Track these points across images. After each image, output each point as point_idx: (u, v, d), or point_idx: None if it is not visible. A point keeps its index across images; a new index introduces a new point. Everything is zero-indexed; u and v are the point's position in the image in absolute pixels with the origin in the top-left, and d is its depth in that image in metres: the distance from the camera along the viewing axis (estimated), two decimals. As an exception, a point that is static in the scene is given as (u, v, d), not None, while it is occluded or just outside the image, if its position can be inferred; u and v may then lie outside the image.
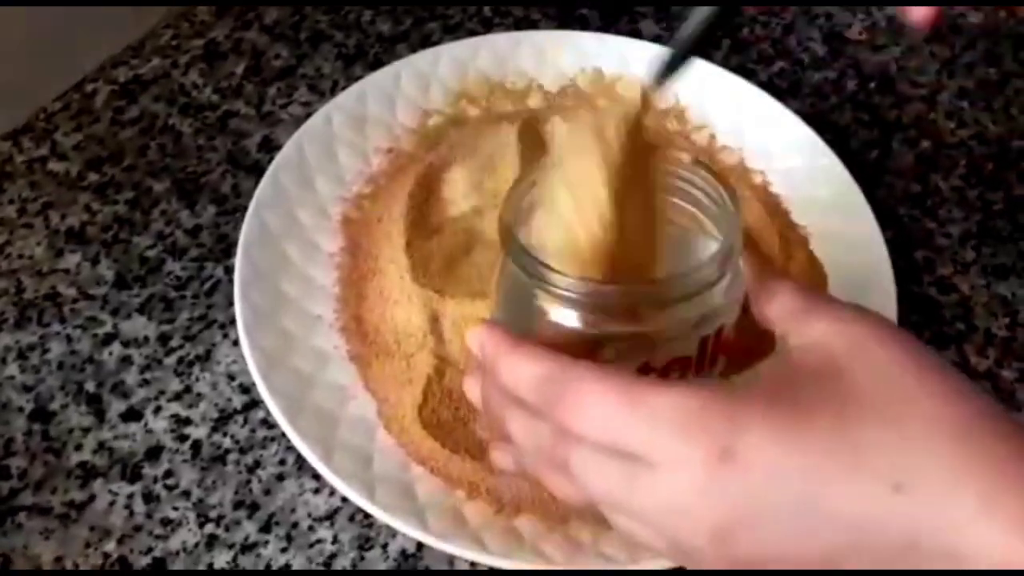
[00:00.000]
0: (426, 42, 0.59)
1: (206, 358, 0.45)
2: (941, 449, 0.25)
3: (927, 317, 0.48)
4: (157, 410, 0.43)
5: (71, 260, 0.49)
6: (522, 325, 0.32)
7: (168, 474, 0.41)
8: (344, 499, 0.40)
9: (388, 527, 0.39)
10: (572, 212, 0.31)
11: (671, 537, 0.27)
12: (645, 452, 0.26)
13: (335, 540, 0.40)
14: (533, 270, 0.31)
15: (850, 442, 0.26)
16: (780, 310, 0.30)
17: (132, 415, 0.43)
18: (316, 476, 0.41)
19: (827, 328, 0.29)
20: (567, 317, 0.32)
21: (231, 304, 0.43)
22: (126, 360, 0.45)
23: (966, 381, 0.27)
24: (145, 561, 0.39)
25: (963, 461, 0.25)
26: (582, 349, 0.30)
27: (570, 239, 0.31)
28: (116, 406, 0.43)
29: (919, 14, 0.35)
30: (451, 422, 0.41)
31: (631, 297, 0.31)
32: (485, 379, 0.32)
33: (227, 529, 0.40)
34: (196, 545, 0.39)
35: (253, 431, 0.43)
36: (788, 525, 0.26)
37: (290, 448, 0.41)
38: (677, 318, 0.32)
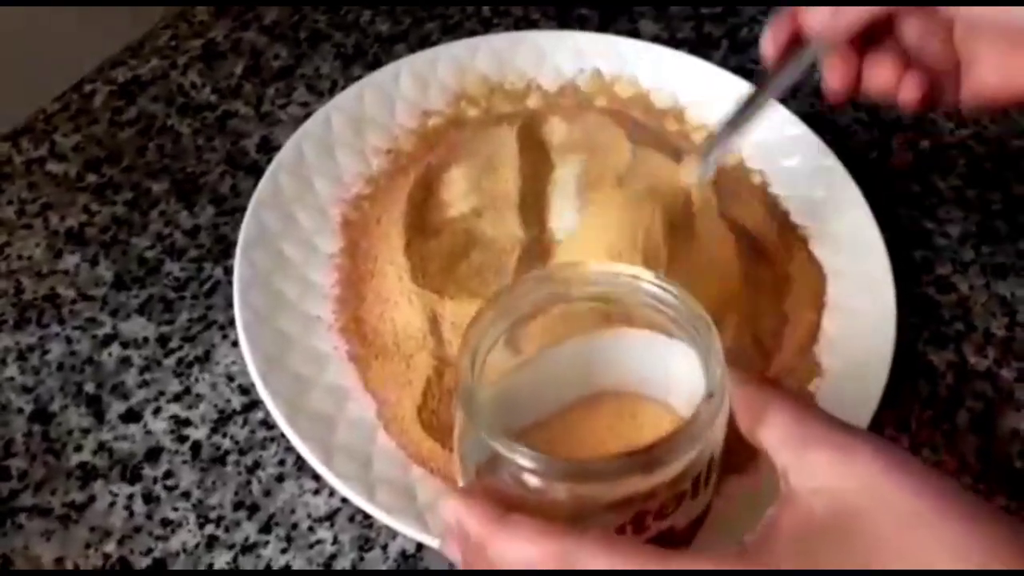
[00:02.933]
0: (425, 42, 0.59)
1: (205, 359, 0.45)
2: None
3: (926, 317, 0.48)
4: (157, 411, 0.43)
5: (70, 261, 0.49)
6: (493, 475, 0.30)
7: (168, 475, 0.41)
8: (344, 500, 0.40)
9: (388, 528, 0.39)
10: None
11: None
12: None
13: (335, 541, 0.40)
14: (500, 444, 0.29)
15: None
16: (775, 439, 0.29)
17: (132, 416, 0.43)
18: (316, 477, 0.41)
19: (827, 461, 0.27)
20: (550, 488, 0.29)
21: (230, 305, 0.43)
22: (125, 361, 0.45)
23: (981, 504, 0.26)
24: (145, 562, 0.39)
25: None
26: (570, 512, 0.28)
27: None
28: (116, 407, 0.43)
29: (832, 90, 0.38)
30: (451, 423, 0.41)
31: (619, 468, 0.29)
32: (471, 553, 0.29)
33: (227, 530, 0.40)
34: (196, 546, 0.39)
35: (253, 432, 0.43)
36: None
37: (290, 449, 0.41)
38: (666, 474, 0.29)
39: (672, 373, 0.33)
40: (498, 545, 0.28)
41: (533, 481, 0.28)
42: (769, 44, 0.39)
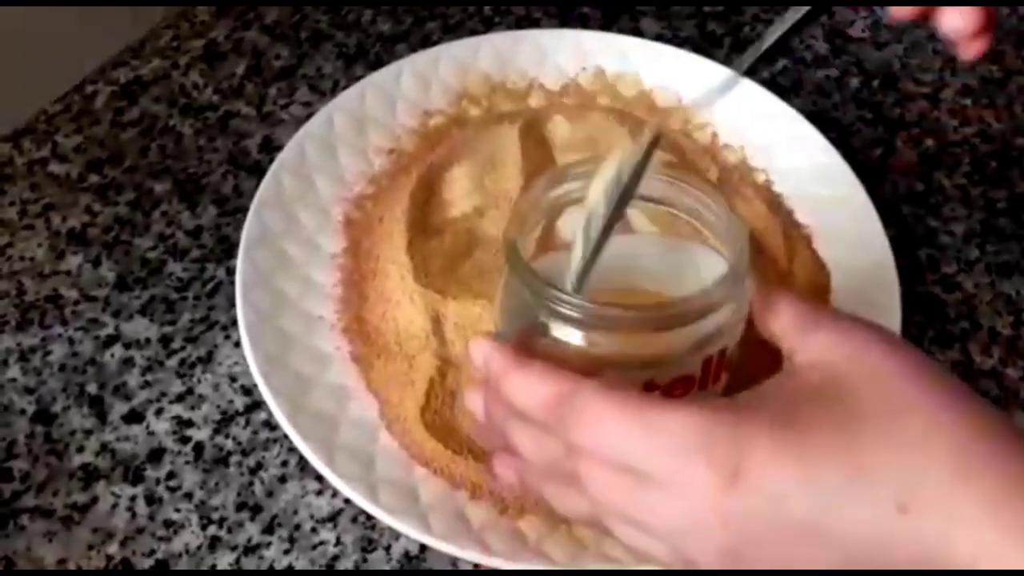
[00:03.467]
0: (426, 42, 0.59)
1: (208, 360, 0.45)
2: (942, 460, 0.25)
3: (931, 316, 0.48)
4: (159, 412, 0.43)
5: (72, 262, 0.48)
6: (526, 340, 0.32)
7: (170, 476, 0.41)
8: (347, 501, 0.40)
9: (391, 529, 0.39)
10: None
11: (678, 553, 0.27)
12: (654, 471, 0.27)
13: (338, 542, 0.40)
14: (538, 290, 0.31)
15: (854, 462, 0.26)
16: (784, 326, 0.31)
17: (134, 417, 0.43)
18: (319, 478, 0.41)
19: (828, 341, 0.29)
20: (571, 336, 0.32)
21: (233, 305, 0.43)
22: (128, 362, 0.45)
23: (966, 389, 0.27)
24: (148, 563, 0.39)
25: (964, 471, 0.25)
26: (585, 367, 0.30)
27: None
28: (118, 408, 0.43)
29: (971, 51, 0.36)
30: (454, 423, 0.41)
31: (635, 319, 0.31)
32: (490, 394, 0.31)
33: (230, 531, 0.40)
34: (199, 547, 0.39)
35: (255, 433, 0.43)
36: (794, 546, 0.26)
37: (292, 450, 0.41)
38: (681, 339, 0.32)
39: (704, 278, 0.35)
40: (512, 382, 0.30)
41: (554, 330, 0.31)
42: None
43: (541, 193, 0.35)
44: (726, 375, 0.34)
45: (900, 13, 0.39)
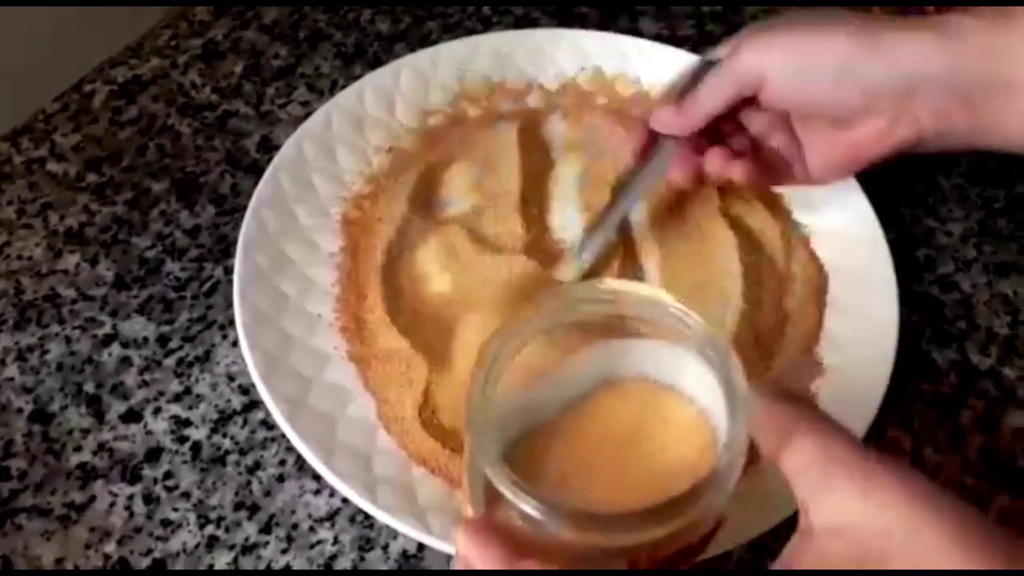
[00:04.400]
0: (425, 41, 0.59)
1: (206, 359, 0.45)
2: None
3: (929, 315, 0.48)
4: (157, 411, 0.43)
5: (70, 261, 0.48)
6: (499, 506, 0.29)
7: (168, 475, 0.41)
8: (345, 500, 0.40)
9: (389, 528, 0.39)
10: None
11: None
12: None
13: (336, 541, 0.40)
14: (516, 494, 0.28)
15: None
16: (796, 465, 0.28)
17: (132, 416, 0.43)
18: (316, 477, 0.41)
19: (850, 508, 0.27)
20: (557, 532, 0.28)
21: (230, 305, 0.43)
22: (125, 361, 0.45)
23: (1011, 541, 0.26)
24: (145, 562, 0.39)
25: None
26: (579, 550, 0.28)
27: None
28: (116, 407, 0.43)
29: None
30: (452, 423, 0.41)
31: (632, 523, 0.28)
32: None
33: (227, 530, 0.40)
34: (196, 546, 0.39)
35: (253, 432, 0.43)
36: None
37: (290, 449, 0.41)
38: (679, 523, 0.29)
39: (691, 379, 0.32)
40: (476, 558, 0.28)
41: (540, 525, 0.28)
42: (633, 140, 0.45)
43: (504, 342, 0.31)
44: (724, 524, 0.31)
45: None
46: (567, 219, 0.48)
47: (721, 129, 0.44)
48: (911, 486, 0.26)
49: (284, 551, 0.39)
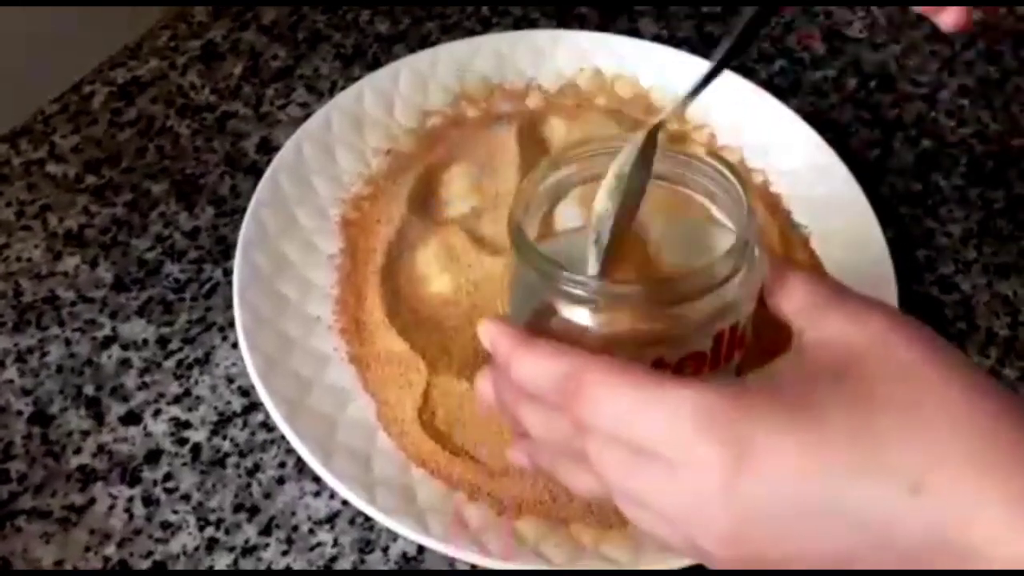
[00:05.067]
0: (424, 42, 0.59)
1: (205, 361, 0.45)
2: (963, 448, 0.25)
3: (928, 316, 0.48)
4: (156, 413, 0.43)
5: (69, 263, 0.48)
6: (536, 323, 0.32)
7: (168, 477, 0.41)
8: (344, 502, 0.40)
9: (389, 530, 0.39)
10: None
11: (685, 534, 0.27)
12: (663, 450, 0.26)
13: (336, 543, 0.40)
14: (544, 270, 0.31)
15: (868, 441, 0.25)
16: (796, 304, 0.30)
17: (131, 418, 0.43)
18: (316, 479, 0.41)
19: (844, 322, 0.28)
20: (579, 315, 0.31)
21: (230, 306, 0.43)
22: (125, 363, 0.45)
23: (988, 377, 0.27)
24: (145, 564, 0.39)
25: (986, 461, 0.24)
26: (595, 346, 0.30)
27: None
28: (115, 409, 0.43)
29: (950, 18, 0.35)
30: (451, 426, 0.41)
31: (643, 294, 0.31)
32: (499, 376, 0.31)
33: (227, 532, 0.40)
34: (196, 548, 0.39)
35: (253, 434, 0.43)
36: (805, 526, 0.26)
37: (290, 451, 0.41)
38: (691, 315, 0.31)
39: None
40: (520, 362, 0.29)
41: (562, 310, 0.31)
42: None
43: (543, 176, 0.35)
44: (739, 352, 0.33)
45: None
46: (567, 219, 0.48)
47: None
48: (899, 318, 0.28)
49: (284, 553, 0.39)
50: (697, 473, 0.26)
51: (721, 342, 0.32)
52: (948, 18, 0.37)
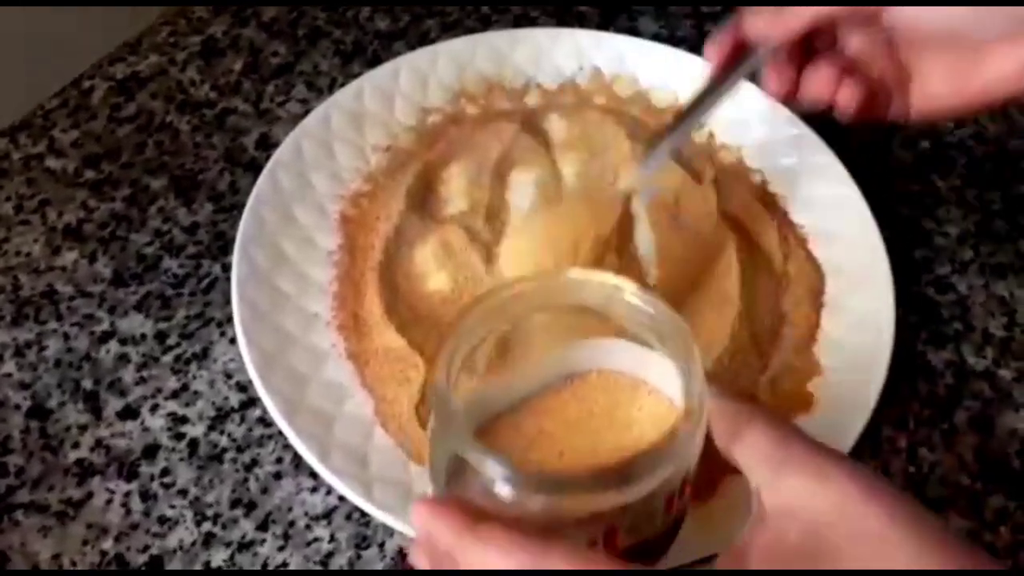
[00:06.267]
0: (424, 40, 0.59)
1: (203, 356, 0.45)
2: None
3: (925, 316, 0.48)
4: (154, 408, 0.43)
5: (68, 257, 0.48)
6: (462, 481, 0.29)
7: (165, 472, 0.41)
8: (341, 497, 0.40)
9: (385, 525, 0.39)
10: None
11: None
12: None
13: (332, 539, 0.40)
14: (474, 456, 0.28)
15: None
16: (752, 458, 0.28)
17: (129, 413, 0.43)
18: (313, 474, 0.41)
19: (805, 486, 0.27)
20: (521, 500, 0.28)
21: (228, 302, 0.43)
22: (123, 358, 0.45)
23: (949, 533, 0.27)
24: (142, 559, 0.39)
25: None
26: (539, 524, 0.28)
27: None
28: (113, 404, 0.43)
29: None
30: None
31: (591, 484, 0.28)
32: (439, 559, 0.29)
33: (224, 527, 0.40)
34: (193, 543, 0.39)
35: (250, 429, 0.43)
36: None
37: (287, 446, 0.41)
38: (640, 491, 0.28)
39: (653, 378, 0.33)
40: (467, 555, 0.27)
41: (503, 492, 0.28)
42: (712, 51, 0.40)
43: (472, 326, 0.31)
44: (689, 489, 0.31)
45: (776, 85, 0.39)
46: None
47: (814, 46, 0.38)
48: (861, 480, 0.27)
49: (280, 548, 0.39)
50: None
51: (672, 498, 0.30)
52: (844, 98, 0.38)
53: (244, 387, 0.44)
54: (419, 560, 0.30)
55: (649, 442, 0.30)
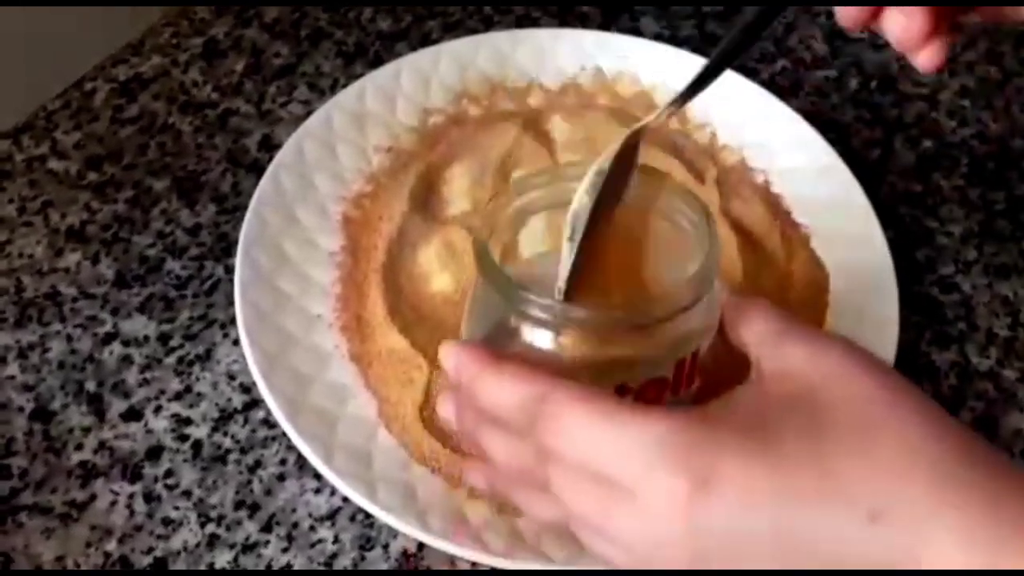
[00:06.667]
0: (426, 40, 0.59)
1: (206, 357, 0.45)
2: (917, 480, 0.25)
3: (929, 317, 0.48)
4: (157, 410, 0.43)
5: (71, 259, 0.48)
6: (497, 346, 0.32)
7: (169, 474, 0.41)
8: (345, 499, 0.40)
9: (389, 527, 0.39)
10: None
11: (646, 563, 0.27)
12: (623, 479, 0.27)
13: (336, 540, 0.40)
14: (508, 292, 0.31)
15: (825, 470, 0.26)
16: (754, 334, 0.30)
17: (132, 415, 0.43)
18: (317, 476, 0.41)
19: (801, 354, 0.29)
20: (541, 339, 0.31)
21: (231, 303, 0.43)
22: (126, 359, 0.45)
23: (943, 412, 0.27)
24: (146, 561, 0.39)
25: (939, 493, 0.25)
26: (557, 370, 0.30)
27: None
28: (117, 406, 0.43)
29: (926, 59, 0.34)
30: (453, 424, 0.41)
31: (606, 321, 0.31)
32: (461, 398, 0.31)
33: (228, 529, 0.40)
34: (197, 545, 0.39)
35: (254, 431, 0.43)
36: (764, 554, 0.26)
37: (291, 448, 0.41)
38: (653, 341, 0.32)
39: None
40: (485, 385, 0.29)
41: (525, 333, 0.31)
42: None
43: (509, 200, 0.35)
44: (699, 379, 0.34)
45: (847, 15, 0.35)
46: (528, 230, 0.48)
47: None
48: (858, 352, 0.29)
49: (284, 550, 0.39)
50: (658, 503, 0.26)
51: (682, 369, 0.32)
52: (924, 60, 0.34)
53: (247, 388, 0.44)
54: (444, 407, 0.32)
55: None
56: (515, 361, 0.29)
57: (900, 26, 0.34)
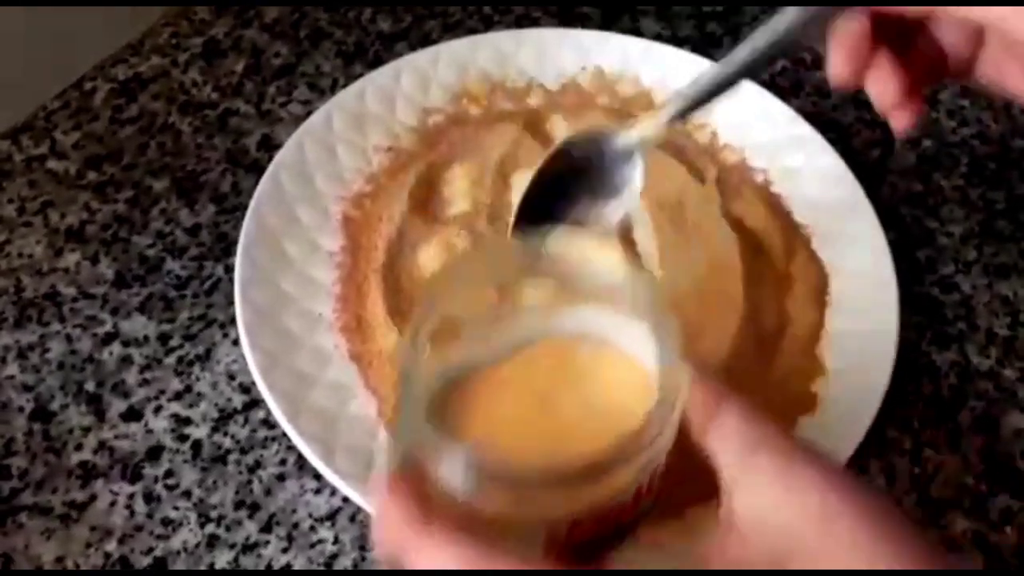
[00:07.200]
0: (426, 40, 0.59)
1: (206, 357, 0.45)
2: None
3: (929, 316, 0.48)
4: (157, 410, 0.43)
5: (71, 259, 0.48)
6: (418, 468, 0.27)
7: (169, 474, 0.41)
8: (345, 499, 0.40)
9: (389, 527, 0.39)
10: None
11: None
12: None
13: (336, 540, 0.40)
14: (437, 445, 0.26)
15: None
16: (725, 451, 0.27)
17: (132, 415, 0.43)
18: (317, 476, 0.41)
19: (779, 495, 0.26)
20: (482, 494, 0.26)
21: (231, 303, 0.43)
22: (126, 360, 0.45)
23: (937, 547, 0.26)
24: (146, 561, 0.39)
25: None
26: (497, 519, 0.26)
27: None
28: (116, 406, 0.43)
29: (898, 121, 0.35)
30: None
31: (557, 476, 0.25)
32: (389, 549, 0.27)
33: (228, 529, 0.40)
34: (197, 545, 0.39)
35: (254, 431, 0.43)
36: None
37: (291, 448, 0.41)
38: (607, 485, 0.26)
39: (632, 340, 0.30)
40: (415, 554, 0.26)
41: (461, 485, 0.26)
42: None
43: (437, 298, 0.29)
44: (658, 482, 0.29)
45: (838, 76, 0.35)
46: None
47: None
48: (830, 475, 0.26)
49: (285, 550, 0.39)
50: None
51: (641, 490, 0.28)
52: (895, 120, 0.35)
53: (247, 388, 0.44)
54: (379, 534, 0.28)
55: (620, 421, 0.27)
56: (445, 528, 0.26)
57: (877, 89, 0.36)
